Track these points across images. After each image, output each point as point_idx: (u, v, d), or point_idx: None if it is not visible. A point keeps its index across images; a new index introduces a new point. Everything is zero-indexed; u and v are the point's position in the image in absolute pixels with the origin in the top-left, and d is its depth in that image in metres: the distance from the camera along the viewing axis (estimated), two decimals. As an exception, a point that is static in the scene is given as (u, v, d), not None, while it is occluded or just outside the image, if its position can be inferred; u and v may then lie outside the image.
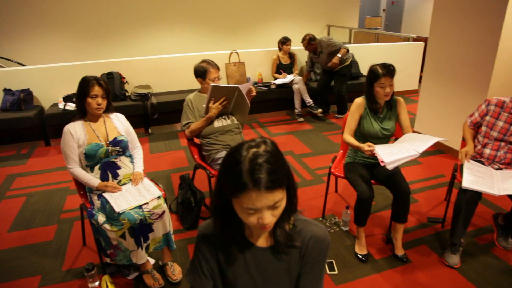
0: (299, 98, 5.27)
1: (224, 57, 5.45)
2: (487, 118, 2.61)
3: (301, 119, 5.30)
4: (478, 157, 2.67)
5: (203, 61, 3.02)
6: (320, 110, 5.29)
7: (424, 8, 11.05)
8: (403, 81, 6.64)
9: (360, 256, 2.54)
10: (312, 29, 8.56)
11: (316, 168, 3.86)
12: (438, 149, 4.29)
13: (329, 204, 3.21)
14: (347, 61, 5.13)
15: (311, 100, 5.26)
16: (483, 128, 2.63)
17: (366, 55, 6.31)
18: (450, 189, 2.98)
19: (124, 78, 5.02)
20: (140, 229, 2.21)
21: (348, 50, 5.06)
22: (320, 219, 3.00)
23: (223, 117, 2.96)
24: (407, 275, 2.42)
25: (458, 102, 4.05)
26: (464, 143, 2.80)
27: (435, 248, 2.68)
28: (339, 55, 4.98)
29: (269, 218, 1.01)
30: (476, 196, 2.38)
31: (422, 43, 6.68)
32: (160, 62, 5.27)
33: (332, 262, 2.50)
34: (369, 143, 2.41)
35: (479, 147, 2.66)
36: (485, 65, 3.70)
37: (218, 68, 3.01)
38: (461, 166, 2.60)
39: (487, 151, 2.60)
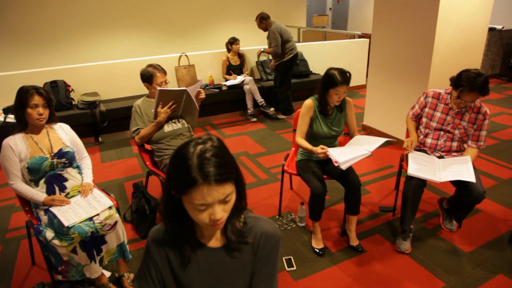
0: (251, 98, 5.30)
1: (174, 60, 5.37)
2: (426, 109, 2.76)
3: (254, 119, 5.34)
4: (421, 147, 2.81)
5: (149, 65, 2.96)
6: (272, 109, 5.35)
7: (367, 6, 11.47)
8: (351, 77, 6.85)
9: (317, 250, 2.60)
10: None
11: (270, 167, 3.90)
12: (387, 142, 4.45)
13: (284, 201, 3.25)
14: (285, 57, 5.15)
15: (262, 100, 5.31)
16: (424, 119, 2.78)
17: (314, 53, 6.45)
18: (398, 178, 3.13)
19: (69, 86, 4.81)
20: (92, 241, 2.13)
21: (278, 52, 5.07)
22: (277, 217, 3.04)
23: (173, 121, 2.92)
24: (362, 264, 2.51)
25: (402, 95, 4.24)
26: (408, 134, 2.94)
27: (388, 236, 2.80)
28: (263, 51, 5.13)
29: (221, 213, 1.02)
30: (421, 183, 2.51)
31: (367, 40, 6.94)
32: (107, 68, 5.11)
33: (290, 259, 2.54)
34: (322, 146, 2.46)
35: (421, 137, 2.81)
36: (424, 59, 3.91)
37: (165, 72, 2.96)
38: (407, 155, 2.72)
39: (428, 140, 2.75)
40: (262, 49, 5.20)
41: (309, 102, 2.63)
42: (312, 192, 2.46)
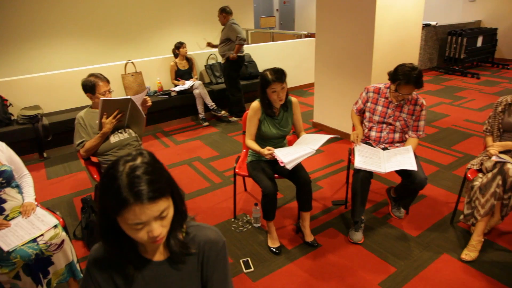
0: (201, 103, 5.26)
1: (120, 68, 5.23)
2: (368, 104, 2.87)
3: (206, 123, 5.30)
4: (366, 140, 2.92)
5: (91, 75, 2.86)
6: (223, 112, 5.35)
7: (312, 6, 11.76)
8: (300, 76, 6.99)
9: (273, 249, 2.63)
10: (209, 33, 8.62)
11: (224, 170, 3.89)
12: (336, 136, 4.59)
13: (239, 203, 3.26)
14: (224, 57, 5.20)
15: (213, 103, 5.29)
16: (367, 114, 2.89)
17: (263, 54, 6.52)
18: (348, 172, 3.23)
19: (6, 100, 4.54)
20: (37, 264, 2.02)
21: (243, 41, 5.09)
22: (232, 219, 3.04)
23: (119, 131, 2.84)
24: (318, 259, 2.56)
25: (348, 91, 4.39)
26: (354, 128, 3.04)
27: (341, 228, 2.88)
28: (231, 57, 5.09)
29: (159, 229, 1.00)
30: (368, 175, 2.61)
31: (313, 39, 7.10)
32: (48, 80, 4.87)
33: (247, 260, 2.55)
34: (268, 147, 2.50)
35: (366, 130, 2.92)
36: (365, 56, 4.06)
37: (107, 81, 2.87)
38: (354, 149, 2.82)
39: (372, 133, 2.87)
40: (231, 54, 5.14)
41: (256, 104, 2.65)
42: (263, 192, 2.48)
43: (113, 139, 2.80)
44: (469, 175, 2.70)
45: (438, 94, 6.48)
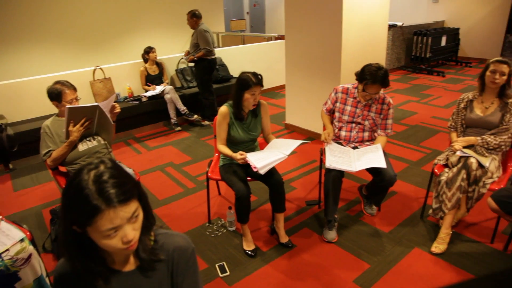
0: (173, 108, 5.21)
1: (88, 74, 5.11)
2: (338, 104, 2.92)
3: (178, 128, 5.25)
4: (337, 139, 2.97)
5: (57, 82, 2.78)
6: (196, 116, 5.32)
7: (282, 9, 11.82)
8: (271, 78, 7.03)
9: (249, 252, 2.63)
10: (180, 37, 8.57)
11: (197, 175, 3.86)
12: (309, 137, 4.65)
13: (214, 208, 3.24)
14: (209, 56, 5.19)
15: (185, 108, 5.25)
16: (336, 114, 2.94)
17: (234, 57, 6.52)
18: (320, 171, 3.26)
19: (-33, 111, 4.37)
20: (2, 281, 1.94)
21: (208, 52, 5.09)
22: (207, 224, 3.02)
23: (88, 139, 2.78)
24: (293, 259, 2.58)
25: (318, 91, 4.44)
26: (325, 127, 3.08)
27: (315, 228, 2.91)
28: (195, 57, 5.10)
29: (132, 232, 1.00)
30: (339, 174, 2.65)
31: (283, 41, 7.16)
32: (12, 88, 4.71)
33: (223, 264, 2.54)
34: (241, 152, 2.51)
35: (336, 130, 2.96)
36: (334, 56, 4.13)
37: (74, 88, 2.81)
38: (325, 149, 2.85)
39: (343, 133, 2.91)
40: (194, 57, 5.13)
41: (224, 109, 2.65)
42: (236, 195, 2.48)
43: (82, 147, 2.73)
44: (436, 171, 2.78)
45: (406, 93, 6.66)
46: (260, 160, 2.40)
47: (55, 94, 2.74)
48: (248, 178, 2.72)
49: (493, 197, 2.38)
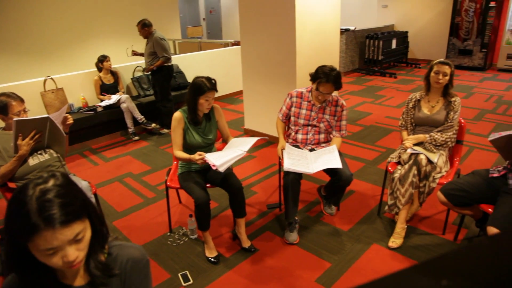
0: (130, 117, 5.10)
1: (39, 85, 4.90)
2: (293, 109, 2.97)
3: (136, 138, 5.14)
4: (294, 142, 3.02)
5: (2, 94, 2.65)
6: (154, 124, 5.23)
7: (238, 15, 11.95)
8: (229, 83, 7.04)
9: (211, 259, 2.61)
10: (136, 46, 8.39)
11: (157, 184, 3.80)
12: (268, 141, 4.69)
13: (175, 216, 3.20)
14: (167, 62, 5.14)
15: (142, 117, 5.15)
16: (292, 118, 2.99)
17: (191, 64, 6.49)
18: (280, 175, 3.30)
19: None
20: None
21: (167, 60, 5.06)
22: (168, 233, 2.97)
23: (39, 152, 2.66)
24: (256, 263, 2.59)
25: (275, 95, 4.50)
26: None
27: (277, 231, 2.94)
28: (153, 67, 5.02)
29: (74, 253, 0.96)
30: (297, 176, 2.69)
31: (239, 47, 7.21)
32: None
33: (186, 273, 2.50)
34: (199, 152, 2.50)
35: (293, 134, 3.01)
36: (289, 61, 4.21)
37: (22, 100, 2.68)
38: (283, 152, 2.89)
39: (299, 136, 2.97)
40: (153, 67, 5.04)
41: (178, 114, 2.64)
42: (195, 203, 2.46)
43: (32, 161, 2.62)
44: (389, 168, 2.89)
45: (361, 94, 6.88)
46: (219, 158, 2.41)
47: (1, 107, 2.61)
48: (208, 185, 2.72)
49: (442, 191, 2.51)
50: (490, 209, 2.34)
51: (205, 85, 2.54)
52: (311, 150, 2.92)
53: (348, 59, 8.78)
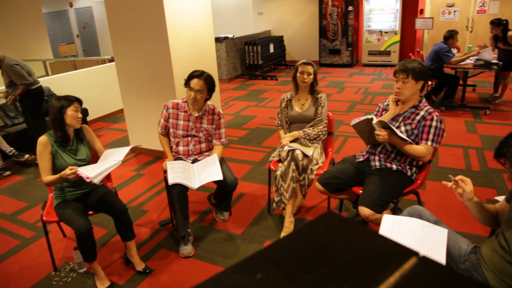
0: (-3, 151, 4.56)
1: None
2: (171, 120, 2.96)
3: (8, 173, 4.59)
4: (176, 155, 3.00)
5: None
6: (27, 156, 4.74)
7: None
8: (110, 102, 6.67)
9: (103, 290, 2.47)
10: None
11: (36, 220, 3.42)
12: (156, 157, 4.59)
13: (60, 252, 2.94)
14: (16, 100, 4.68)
15: (12, 148, 4.63)
16: (171, 130, 2.98)
17: (65, 85, 6.02)
18: (167, 190, 3.25)
19: None
20: None
21: (28, 85, 4.60)
22: (53, 273, 2.72)
23: None
24: (153, 284, 2.52)
25: (157, 110, 4.39)
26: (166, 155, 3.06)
27: (172, 247, 2.89)
28: (16, 95, 4.55)
29: None
30: (183, 188, 2.69)
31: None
32: None
33: (75, 312, 2.33)
34: (70, 167, 2.36)
35: (174, 147, 3.00)
36: (166, 74, 4.18)
37: None
38: (167, 166, 2.86)
39: (180, 148, 2.97)
40: (15, 96, 4.51)
41: (43, 138, 2.48)
42: (76, 234, 2.30)
43: None
44: (271, 167, 3.05)
45: (245, 99, 7.14)
46: (93, 170, 2.35)
47: None
48: (90, 212, 2.56)
49: (318, 181, 2.73)
50: (360, 191, 2.61)
51: (68, 98, 2.49)
52: (194, 160, 2.94)
53: (231, 66, 9.03)
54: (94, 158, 2.76)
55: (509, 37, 5.53)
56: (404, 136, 2.39)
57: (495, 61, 5.45)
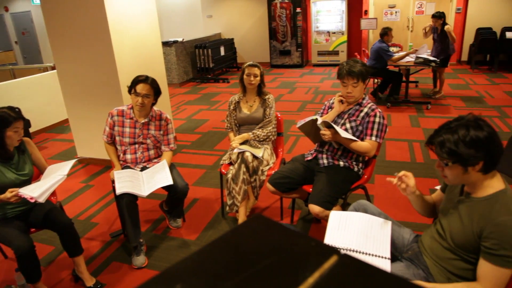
0: None
1: None
2: (116, 128, 2.87)
3: None
4: (124, 164, 2.91)
5: None
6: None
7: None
8: (54, 112, 6.30)
9: (49, 311, 2.34)
10: None
11: (-27, 242, 3.22)
12: (105, 166, 4.43)
13: (0, 276, 2.76)
14: None
15: None
16: (117, 138, 2.88)
17: (3, 96, 5.65)
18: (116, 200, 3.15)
19: None
20: None
21: None
22: (-7, 297, 2.55)
23: None
24: (104, 299, 2.42)
25: (104, 118, 4.24)
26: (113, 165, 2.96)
27: (124, 259, 2.80)
28: None
29: None
30: (132, 198, 2.60)
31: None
32: None
33: (19, 336, 2.19)
34: (10, 189, 2.22)
35: (121, 155, 2.90)
36: (112, 80, 4.05)
37: None
38: (114, 175, 2.76)
39: (128, 156, 2.88)
40: None
41: None
42: (16, 253, 2.16)
43: None
44: (223, 170, 3.04)
45: (197, 103, 7.07)
46: (36, 189, 2.24)
47: None
48: (32, 230, 2.42)
49: (269, 182, 2.74)
50: (310, 189, 2.65)
51: (10, 116, 2.29)
52: (143, 168, 2.86)
53: (181, 70, 8.91)
54: (36, 173, 2.62)
55: (446, 30, 5.85)
56: (347, 134, 2.47)
57: (433, 58, 5.76)
